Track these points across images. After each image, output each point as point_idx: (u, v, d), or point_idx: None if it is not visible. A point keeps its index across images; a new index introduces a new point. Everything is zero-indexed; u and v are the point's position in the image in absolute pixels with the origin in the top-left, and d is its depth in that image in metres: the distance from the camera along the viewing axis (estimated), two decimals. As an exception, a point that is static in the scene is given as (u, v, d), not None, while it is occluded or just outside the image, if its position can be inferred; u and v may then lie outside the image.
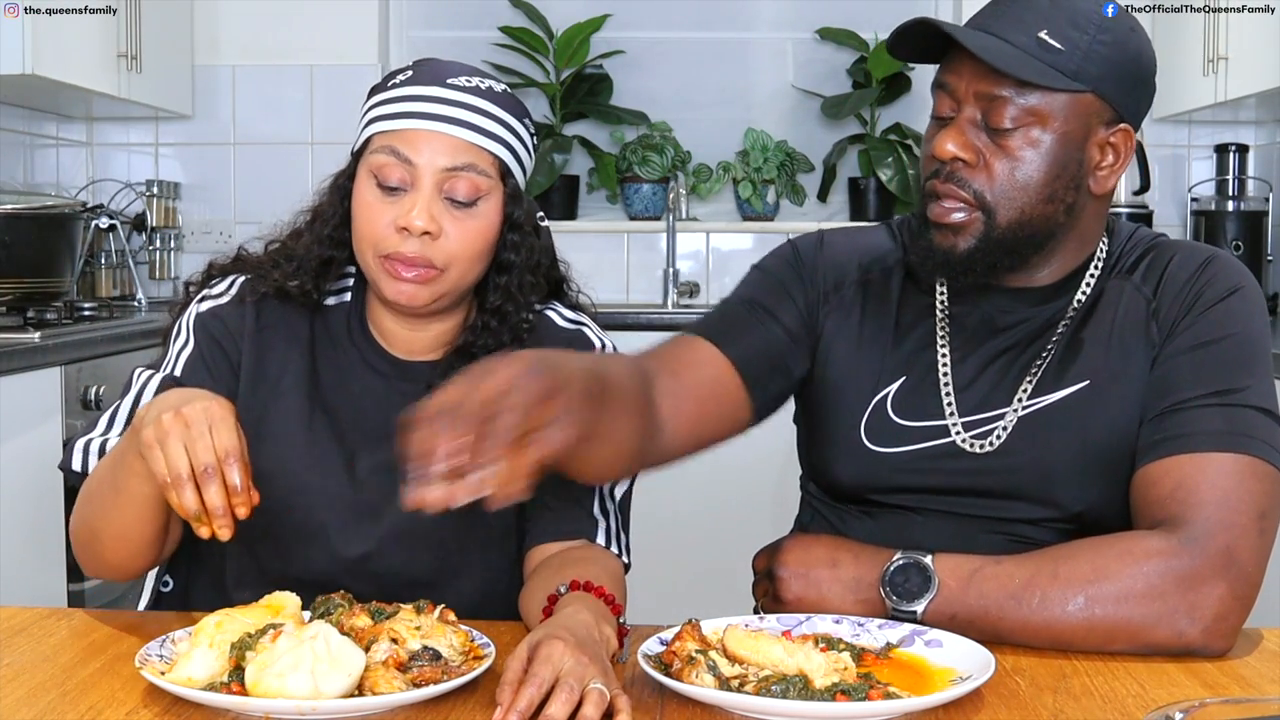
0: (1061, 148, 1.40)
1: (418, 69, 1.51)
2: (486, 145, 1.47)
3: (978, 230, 1.41)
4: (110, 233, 4.00)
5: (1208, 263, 1.46)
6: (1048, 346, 1.46)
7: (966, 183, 1.40)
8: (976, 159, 1.40)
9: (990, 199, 1.40)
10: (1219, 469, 1.31)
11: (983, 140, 1.40)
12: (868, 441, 1.48)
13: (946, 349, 1.49)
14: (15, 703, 1.14)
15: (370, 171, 1.47)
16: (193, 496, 1.21)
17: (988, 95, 1.38)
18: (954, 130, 1.41)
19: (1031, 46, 1.37)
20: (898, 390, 1.49)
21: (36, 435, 2.71)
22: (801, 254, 1.57)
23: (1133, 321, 1.44)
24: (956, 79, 1.41)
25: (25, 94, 3.69)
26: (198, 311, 1.55)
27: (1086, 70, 1.38)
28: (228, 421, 1.24)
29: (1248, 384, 1.37)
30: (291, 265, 1.53)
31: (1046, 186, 1.40)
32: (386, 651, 1.15)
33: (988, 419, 1.45)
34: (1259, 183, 4.03)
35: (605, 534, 1.48)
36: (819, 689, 1.10)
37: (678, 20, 4.35)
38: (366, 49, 4.19)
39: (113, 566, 1.42)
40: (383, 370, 1.55)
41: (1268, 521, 1.31)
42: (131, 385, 1.51)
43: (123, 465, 1.32)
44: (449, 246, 1.45)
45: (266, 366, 1.52)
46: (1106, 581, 1.26)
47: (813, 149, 4.33)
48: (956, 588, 1.30)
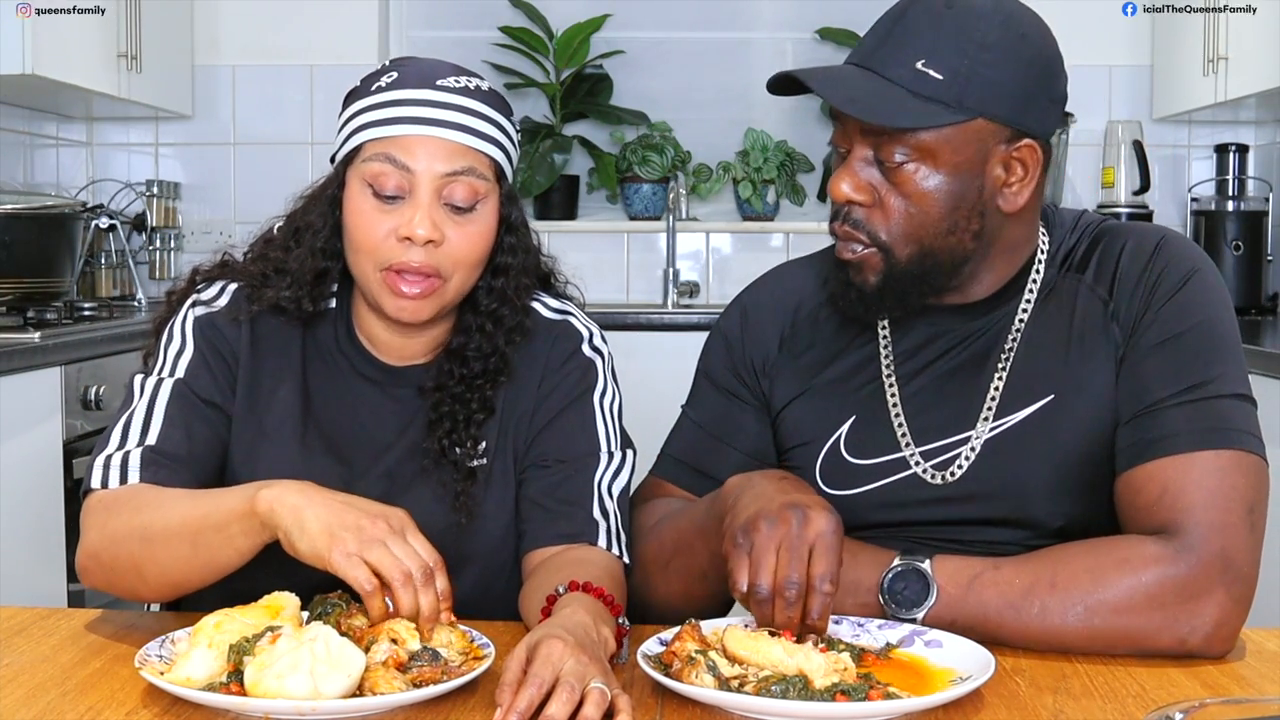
0: (955, 179, 1.35)
1: (402, 70, 1.47)
2: (482, 148, 1.45)
3: (879, 266, 1.38)
4: (110, 233, 4.00)
5: (1158, 249, 1.41)
6: (1002, 359, 1.42)
7: (862, 224, 1.38)
8: (872, 198, 1.37)
9: (886, 238, 1.37)
10: (1203, 468, 1.30)
11: (876, 178, 1.37)
12: (825, 486, 1.45)
13: (893, 378, 1.46)
14: (15, 703, 1.14)
15: (365, 180, 1.44)
16: (412, 602, 1.17)
17: (874, 132, 1.35)
18: (848, 171, 1.37)
19: (908, 79, 1.33)
20: (849, 429, 1.46)
21: (36, 435, 2.71)
22: (730, 341, 1.56)
23: (1091, 325, 1.41)
24: (845, 116, 1.37)
25: (25, 94, 3.69)
26: (195, 316, 1.52)
27: (969, 96, 1.33)
28: (418, 530, 1.22)
29: (1218, 372, 1.34)
30: (285, 280, 1.50)
31: (945, 220, 1.37)
32: (386, 652, 1.15)
33: (950, 445, 1.42)
34: (1259, 183, 4.03)
35: (605, 535, 1.47)
36: (819, 689, 1.10)
37: (678, 20, 4.35)
38: (366, 49, 4.19)
39: (136, 597, 1.40)
40: (373, 377, 1.54)
41: (1256, 515, 1.30)
42: (136, 393, 1.47)
43: (221, 534, 1.28)
44: (452, 253, 1.44)
45: (261, 380, 1.51)
46: (1105, 592, 1.26)
47: (813, 149, 4.33)
48: (956, 595, 1.29)
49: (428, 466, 1.50)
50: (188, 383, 1.47)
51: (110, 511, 1.38)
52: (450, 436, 1.50)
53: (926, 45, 1.33)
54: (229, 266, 1.57)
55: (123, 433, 1.44)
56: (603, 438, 1.53)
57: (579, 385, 1.55)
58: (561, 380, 1.55)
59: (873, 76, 1.34)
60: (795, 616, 1.20)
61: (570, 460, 1.51)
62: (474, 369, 1.51)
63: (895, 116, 1.32)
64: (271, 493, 1.24)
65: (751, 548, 1.22)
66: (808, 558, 1.20)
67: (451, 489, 1.49)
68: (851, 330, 1.49)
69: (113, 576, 1.37)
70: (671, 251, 4.22)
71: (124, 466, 1.40)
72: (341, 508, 1.21)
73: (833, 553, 1.21)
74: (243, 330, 1.51)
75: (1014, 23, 1.36)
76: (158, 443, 1.42)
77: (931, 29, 1.34)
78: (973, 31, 1.33)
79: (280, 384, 1.51)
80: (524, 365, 1.54)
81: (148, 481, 1.39)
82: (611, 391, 1.57)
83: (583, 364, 1.56)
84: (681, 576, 1.43)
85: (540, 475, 1.51)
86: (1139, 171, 3.98)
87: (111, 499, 1.39)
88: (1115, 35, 4.11)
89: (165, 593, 1.38)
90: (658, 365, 3.07)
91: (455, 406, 1.50)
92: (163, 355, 1.50)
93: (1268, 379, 2.68)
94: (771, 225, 4.27)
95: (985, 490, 1.40)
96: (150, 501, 1.36)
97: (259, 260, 1.55)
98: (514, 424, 1.54)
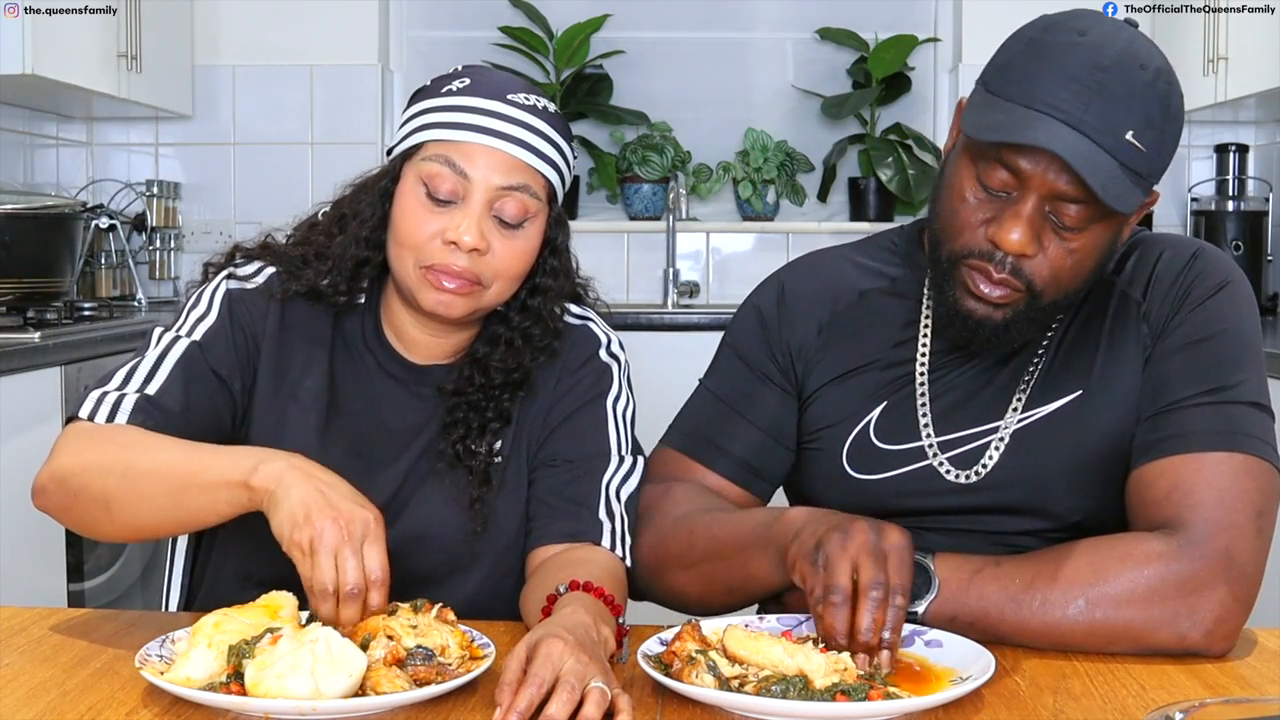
0: (1116, 236, 1.37)
1: (475, 79, 1.48)
2: (539, 167, 1.46)
3: (1018, 306, 1.36)
4: (110, 233, 4.00)
5: (1194, 258, 1.43)
6: (1035, 357, 1.44)
7: (1022, 272, 1.34)
8: (1037, 251, 1.33)
9: (1040, 285, 1.34)
10: (1215, 469, 1.31)
11: (1046, 231, 1.33)
12: (851, 469, 1.47)
13: (925, 368, 1.47)
14: (15, 703, 1.14)
15: (420, 178, 1.44)
16: (331, 610, 1.18)
17: (1065, 196, 1.29)
18: (1022, 222, 1.31)
19: (1120, 150, 1.27)
20: (880, 414, 1.47)
21: (36, 435, 2.71)
22: (766, 319, 1.55)
23: (1122, 324, 1.43)
24: (1033, 169, 1.29)
25: (25, 94, 3.69)
26: (228, 288, 1.52)
27: (1158, 168, 1.31)
28: (381, 539, 1.22)
29: (1240, 379, 1.36)
30: (325, 265, 1.51)
31: (1097, 271, 1.38)
32: (385, 647, 1.15)
33: (973, 435, 1.43)
34: (1259, 183, 4.03)
35: (610, 537, 1.47)
36: (819, 689, 1.10)
37: (678, 20, 4.35)
38: (366, 49, 4.19)
39: (92, 532, 1.40)
40: (397, 374, 1.54)
41: (1265, 520, 1.30)
42: (151, 343, 1.47)
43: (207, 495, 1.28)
44: (494, 263, 1.45)
45: (288, 369, 1.51)
46: (1107, 585, 1.26)
47: (813, 149, 4.33)
48: (957, 589, 1.30)
49: (442, 469, 1.51)
50: (202, 347, 1.47)
51: (92, 440, 1.37)
52: (464, 442, 1.50)
53: (1138, 116, 1.28)
54: (269, 248, 1.58)
55: (125, 376, 1.44)
56: (614, 441, 1.53)
57: (594, 388, 1.56)
58: (577, 383, 1.55)
59: (1089, 143, 1.27)
60: (880, 619, 1.18)
61: (579, 460, 1.51)
62: (495, 380, 1.52)
63: (1123, 200, 1.27)
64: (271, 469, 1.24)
65: (826, 558, 1.21)
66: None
67: (466, 492, 1.50)
68: (895, 321, 1.50)
69: (74, 504, 1.36)
70: (671, 251, 4.22)
71: (116, 406, 1.40)
72: (317, 498, 1.21)
73: (907, 567, 1.20)
74: (272, 312, 1.51)
75: (1175, 82, 1.32)
76: (155, 394, 1.42)
77: (1138, 96, 1.28)
78: (1165, 101, 1.30)
79: (308, 373, 1.52)
80: (542, 369, 1.55)
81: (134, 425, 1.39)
82: (626, 397, 1.58)
83: (599, 368, 1.57)
84: (705, 582, 1.43)
85: (549, 474, 1.52)
86: (1139, 171, 3.98)
87: (96, 430, 1.39)
88: (1115, 35, 4.10)
89: (127, 535, 1.38)
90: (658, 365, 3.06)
91: (471, 414, 1.51)
92: (186, 315, 1.51)
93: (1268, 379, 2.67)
94: (771, 225, 4.27)
95: (1006, 481, 1.42)
96: (137, 441, 1.36)
97: (301, 244, 1.55)
98: (529, 425, 1.55)
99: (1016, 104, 1.29)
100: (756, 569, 1.34)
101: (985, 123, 1.31)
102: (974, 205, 1.35)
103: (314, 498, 1.21)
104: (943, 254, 1.38)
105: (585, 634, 1.15)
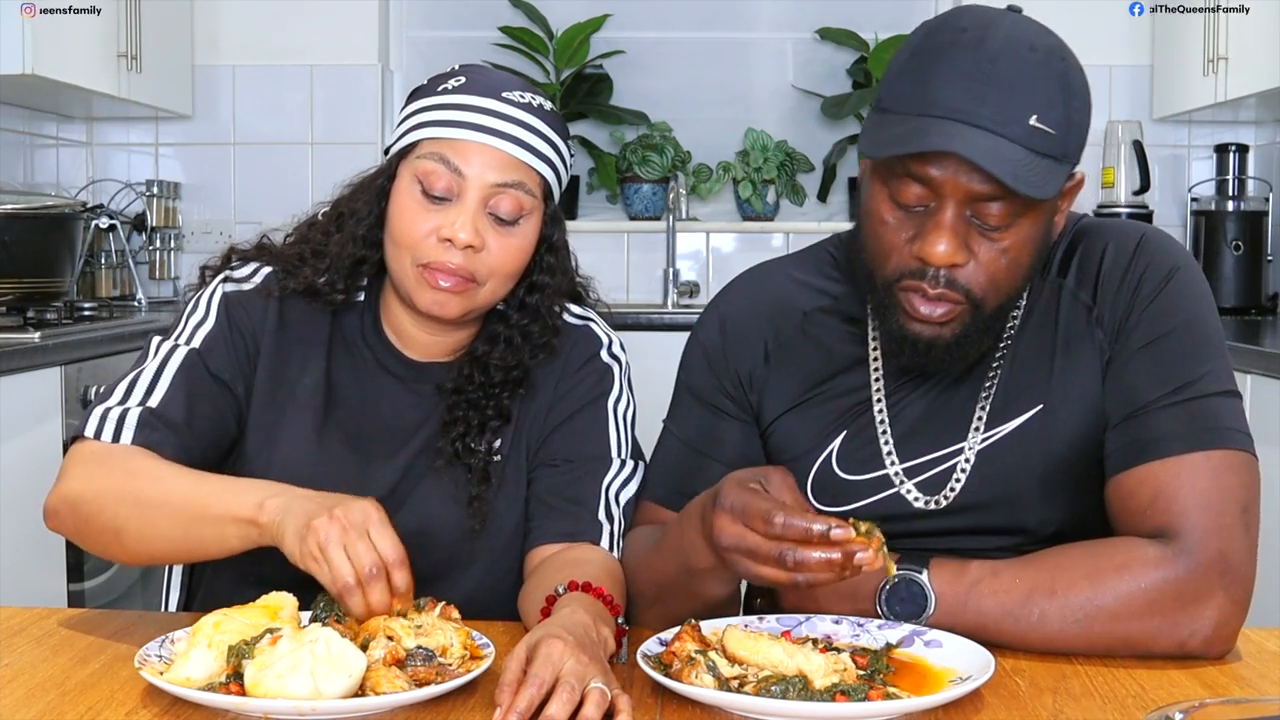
0: (1046, 224, 1.33)
1: (470, 77, 1.49)
2: (534, 164, 1.47)
3: (964, 319, 1.32)
4: (110, 233, 4.00)
5: (1139, 248, 1.39)
6: (990, 372, 1.41)
7: (957, 283, 1.30)
8: (968, 258, 1.29)
9: (980, 293, 1.31)
10: (1194, 471, 1.29)
11: (972, 236, 1.29)
12: (815, 502, 1.43)
13: (882, 393, 1.43)
14: (15, 703, 1.14)
15: (415, 176, 1.45)
16: (361, 602, 1.19)
17: (981, 196, 1.26)
18: (945, 233, 1.27)
19: (1024, 137, 1.24)
20: (840, 445, 1.44)
21: (36, 435, 2.71)
22: (710, 354, 1.50)
23: (1075, 331, 1.39)
24: (942, 175, 1.26)
25: (25, 94, 3.69)
26: (224, 291, 1.52)
27: (1071, 146, 1.28)
28: (385, 523, 1.22)
29: (1204, 370, 1.34)
30: (323, 263, 1.51)
31: (1037, 265, 1.35)
32: (385, 648, 1.15)
33: (937, 459, 1.40)
34: (1259, 183, 4.03)
35: (609, 538, 1.47)
36: (819, 689, 1.10)
37: (678, 20, 4.35)
38: (366, 49, 4.19)
39: (104, 555, 1.41)
40: (396, 371, 1.55)
41: (1251, 514, 1.29)
42: (150, 353, 1.48)
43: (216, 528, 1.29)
44: (489, 261, 1.45)
45: (286, 368, 1.51)
46: (1105, 597, 1.25)
47: (813, 149, 4.33)
48: (954, 603, 1.28)
49: (440, 466, 1.51)
50: (201, 354, 1.48)
51: (101, 465, 1.38)
52: (463, 440, 1.50)
53: (1037, 99, 1.24)
54: (266, 249, 1.58)
55: (127, 389, 1.44)
56: (614, 443, 1.54)
57: (595, 389, 1.56)
58: (578, 383, 1.56)
59: (992, 136, 1.23)
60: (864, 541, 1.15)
61: (579, 461, 1.51)
62: (494, 378, 1.52)
63: (1040, 187, 1.24)
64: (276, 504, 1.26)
65: (730, 505, 1.19)
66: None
67: (465, 490, 1.50)
68: (843, 344, 1.47)
69: (86, 529, 1.37)
70: (671, 251, 4.22)
71: (120, 423, 1.41)
72: (315, 509, 1.23)
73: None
74: (270, 312, 1.52)
75: (1071, 56, 1.29)
76: (158, 406, 1.43)
77: (1032, 79, 1.25)
78: (1063, 78, 1.27)
79: (305, 371, 1.52)
80: (542, 368, 1.55)
81: (140, 443, 1.40)
82: (626, 399, 1.58)
83: (600, 369, 1.57)
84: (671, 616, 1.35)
85: (549, 474, 1.52)
86: (1139, 171, 3.98)
87: (104, 453, 1.39)
88: (1115, 35, 4.11)
89: (139, 560, 1.40)
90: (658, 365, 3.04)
91: (470, 412, 1.52)
92: (184, 322, 1.51)
93: (1268, 379, 2.67)
94: (771, 225, 4.27)
95: (976, 502, 1.39)
96: (146, 469, 1.37)
97: (298, 244, 1.56)
98: (528, 424, 1.55)
99: (911, 115, 1.26)
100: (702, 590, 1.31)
101: (882, 139, 1.28)
102: (894, 226, 1.32)
103: (311, 509, 1.23)
104: (877, 281, 1.35)
105: (585, 634, 1.15)
